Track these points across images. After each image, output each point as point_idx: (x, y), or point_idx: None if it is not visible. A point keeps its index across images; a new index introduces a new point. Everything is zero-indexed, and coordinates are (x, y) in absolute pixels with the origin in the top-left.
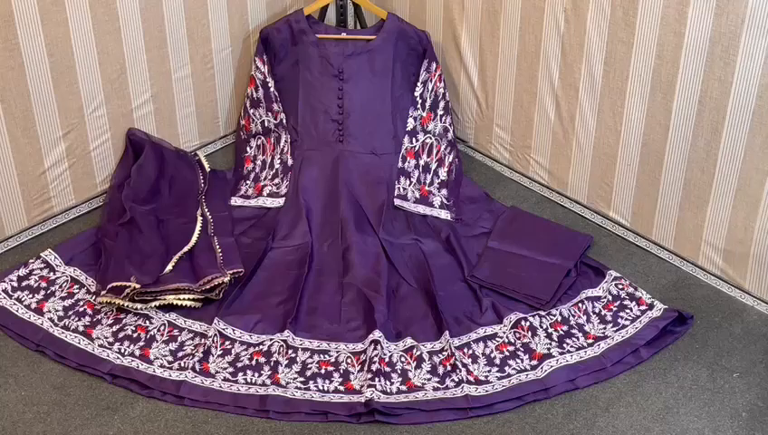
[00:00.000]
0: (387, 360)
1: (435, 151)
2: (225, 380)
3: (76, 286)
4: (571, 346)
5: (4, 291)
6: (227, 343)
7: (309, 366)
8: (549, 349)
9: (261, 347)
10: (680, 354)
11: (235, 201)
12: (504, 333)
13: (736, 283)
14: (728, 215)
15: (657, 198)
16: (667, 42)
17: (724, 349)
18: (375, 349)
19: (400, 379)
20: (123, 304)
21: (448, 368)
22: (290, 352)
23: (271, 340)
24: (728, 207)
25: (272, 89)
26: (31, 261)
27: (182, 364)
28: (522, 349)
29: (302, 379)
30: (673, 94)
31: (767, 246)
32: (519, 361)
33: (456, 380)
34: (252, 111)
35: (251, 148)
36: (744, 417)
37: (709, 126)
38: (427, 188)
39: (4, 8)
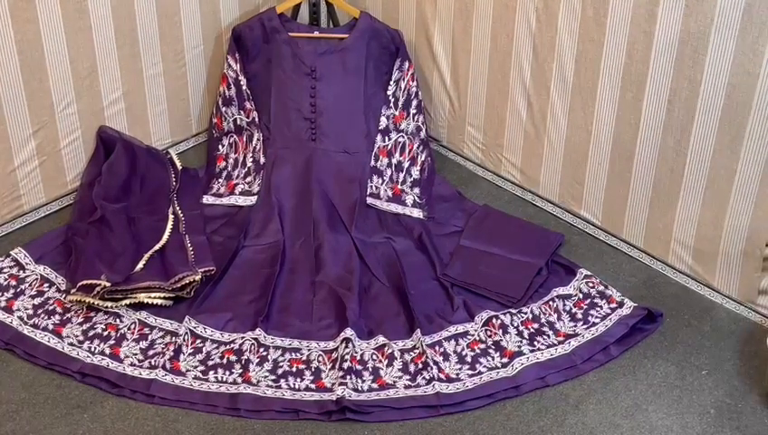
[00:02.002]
0: (358, 358)
1: (407, 150)
2: (195, 378)
3: (46, 285)
4: (542, 344)
5: None
6: (198, 341)
7: (280, 364)
8: (520, 347)
9: (232, 345)
10: (650, 352)
11: (207, 199)
12: (476, 331)
13: (705, 281)
14: (697, 213)
15: (627, 197)
16: (637, 41)
17: (693, 346)
18: (346, 347)
19: (372, 377)
20: (93, 303)
21: (420, 366)
22: (261, 350)
23: (242, 338)
24: (697, 205)
25: (244, 87)
26: (0, 259)
27: (153, 363)
28: (493, 347)
29: (273, 377)
30: (643, 93)
31: (736, 245)
32: (490, 358)
33: (428, 377)
34: (224, 109)
35: (223, 146)
36: (712, 414)
37: (678, 125)
38: (399, 186)
39: None
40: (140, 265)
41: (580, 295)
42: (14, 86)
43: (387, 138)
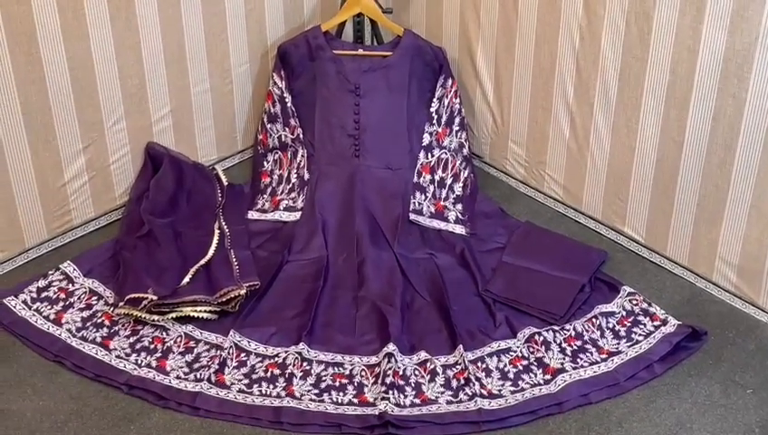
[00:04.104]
0: (400, 373)
1: (450, 167)
2: (240, 391)
3: (94, 298)
4: (585, 361)
5: (24, 302)
6: (243, 354)
7: (323, 378)
8: (562, 363)
9: (276, 359)
10: (694, 370)
11: (252, 215)
12: (518, 347)
13: (750, 299)
14: (742, 231)
15: (671, 214)
16: (682, 58)
17: (737, 365)
18: (389, 362)
19: (414, 392)
20: (141, 316)
21: (462, 381)
22: (304, 364)
23: (286, 352)
24: (742, 223)
25: (289, 104)
26: (50, 272)
27: (198, 376)
28: (535, 363)
29: (316, 391)
30: (687, 111)
31: None
32: (532, 375)
33: (470, 393)
34: (269, 125)
35: (268, 162)
36: (757, 433)
37: (723, 142)
38: (442, 202)
39: (27, 22)
40: (186, 279)
41: (624, 313)
42: (65, 103)
43: (430, 154)
